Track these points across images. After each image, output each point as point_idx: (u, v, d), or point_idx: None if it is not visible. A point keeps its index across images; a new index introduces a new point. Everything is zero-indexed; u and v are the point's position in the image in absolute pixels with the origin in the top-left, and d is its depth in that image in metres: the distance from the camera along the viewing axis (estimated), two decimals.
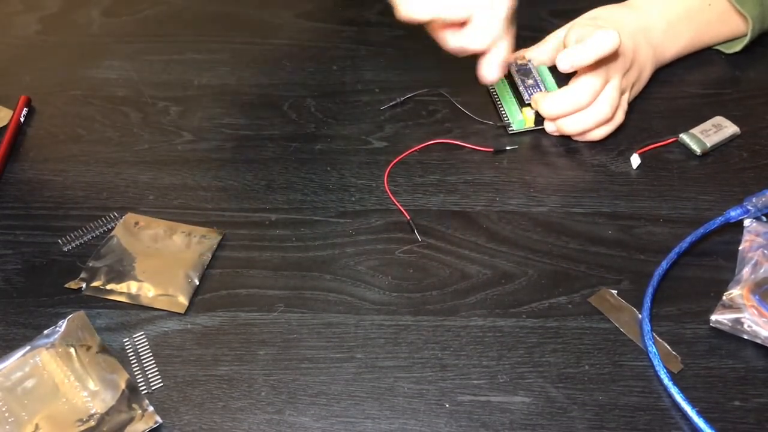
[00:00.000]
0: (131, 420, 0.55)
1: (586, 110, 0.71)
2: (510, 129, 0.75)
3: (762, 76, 0.82)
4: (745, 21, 0.80)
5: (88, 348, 0.59)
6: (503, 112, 0.76)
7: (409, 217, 0.68)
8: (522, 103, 0.75)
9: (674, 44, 0.80)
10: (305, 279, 0.64)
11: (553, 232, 0.67)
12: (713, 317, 0.60)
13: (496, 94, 0.77)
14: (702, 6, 0.80)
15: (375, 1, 0.92)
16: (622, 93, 0.73)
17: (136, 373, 0.58)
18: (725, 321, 0.59)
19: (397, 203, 0.69)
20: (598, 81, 0.70)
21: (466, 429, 0.55)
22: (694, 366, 0.58)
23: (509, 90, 0.76)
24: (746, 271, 0.62)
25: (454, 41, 0.67)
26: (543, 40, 0.76)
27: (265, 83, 0.82)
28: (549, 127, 0.74)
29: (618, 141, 0.75)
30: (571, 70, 0.70)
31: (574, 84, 0.71)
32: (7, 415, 0.55)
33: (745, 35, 0.81)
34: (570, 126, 0.72)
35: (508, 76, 0.76)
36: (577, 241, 0.66)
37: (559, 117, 0.72)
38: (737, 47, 0.83)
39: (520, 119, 0.74)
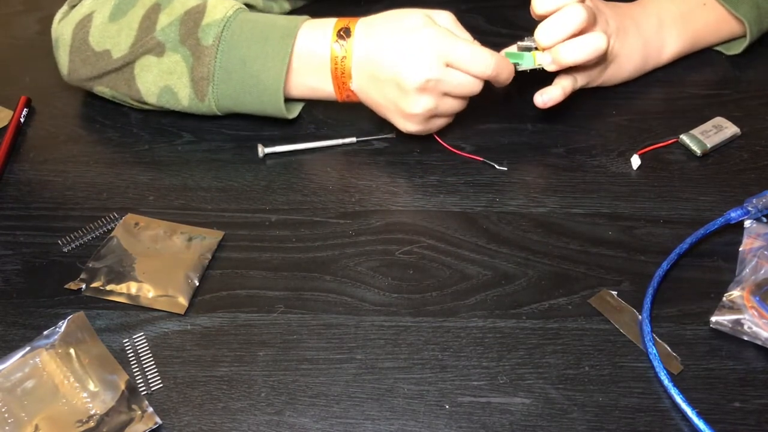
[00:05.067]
0: (131, 421, 0.55)
1: (582, 37, 0.69)
2: (519, 67, 0.71)
3: (762, 76, 0.82)
4: (742, 23, 0.80)
5: (88, 349, 0.59)
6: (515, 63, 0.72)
7: (481, 159, 0.70)
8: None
9: (671, 44, 0.80)
10: (305, 280, 0.64)
11: (553, 233, 0.67)
12: (713, 318, 0.60)
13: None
14: (697, 6, 0.80)
15: (376, 1, 0.92)
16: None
17: (135, 374, 0.58)
18: (725, 322, 0.59)
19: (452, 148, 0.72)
20: (588, 8, 0.68)
21: (466, 430, 0.55)
22: (695, 367, 0.58)
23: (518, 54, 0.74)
24: (746, 272, 0.62)
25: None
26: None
27: None
28: (545, 59, 0.70)
29: (618, 142, 0.75)
30: (556, 67, 0.70)
31: (565, 8, 0.69)
32: (6, 415, 0.55)
33: (744, 36, 0.81)
34: (566, 53, 0.69)
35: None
36: (577, 242, 0.66)
37: (556, 42, 0.69)
38: (737, 49, 0.83)
39: (528, 57, 0.71)
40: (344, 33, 0.70)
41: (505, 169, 0.69)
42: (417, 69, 0.66)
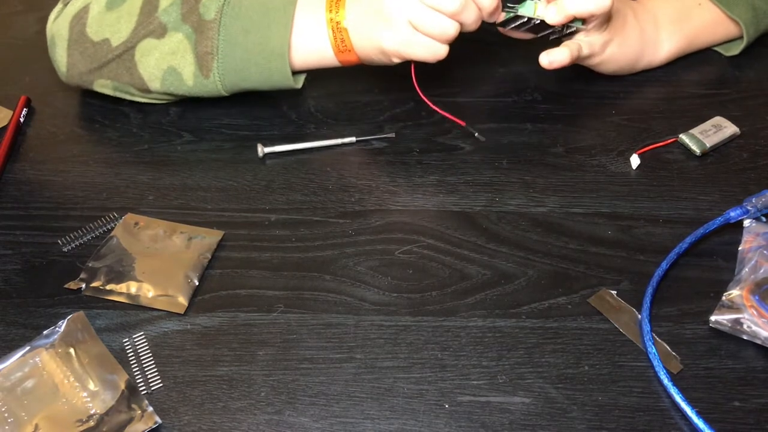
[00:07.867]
0: (131, 420, 0.55)
1: None
2: (517, 11, 0.70)
3: (762, 76, 0.83)
4: (738, 24, 0.80)
5: (88, 348, 0.59)
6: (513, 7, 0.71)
7: (464, 123, 0.71)
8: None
9: (667, 42, 0.80)
10: (305, 279, 0.64)
11: (552, 232, 0.67)
12: (713, 318, 0.60)
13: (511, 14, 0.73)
14: (692, 7, 0.80)
15: None
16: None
17: (135, 373, 0.58)
18: (725, 321, 0.59)
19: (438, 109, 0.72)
20: None
21: (466, 429, 0.55)
22: (694, 366, 0.58)
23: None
24: (746, 271, 0.62)
25: None
26: None
27: None
28: (548, 11, 0.69)
29: (618, 141, 0.76)
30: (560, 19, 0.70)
31: None
32: (6, 415, 0.55)
33: (742, 37, 0.82)
34: (570, 2, 0.68)
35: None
36: (577, 242, 0.67)
37: None
38: (735, 50, 0.83)
39: (529, 3, 0.70)
40: None
41: (483, 139, 0.70)
42: None
